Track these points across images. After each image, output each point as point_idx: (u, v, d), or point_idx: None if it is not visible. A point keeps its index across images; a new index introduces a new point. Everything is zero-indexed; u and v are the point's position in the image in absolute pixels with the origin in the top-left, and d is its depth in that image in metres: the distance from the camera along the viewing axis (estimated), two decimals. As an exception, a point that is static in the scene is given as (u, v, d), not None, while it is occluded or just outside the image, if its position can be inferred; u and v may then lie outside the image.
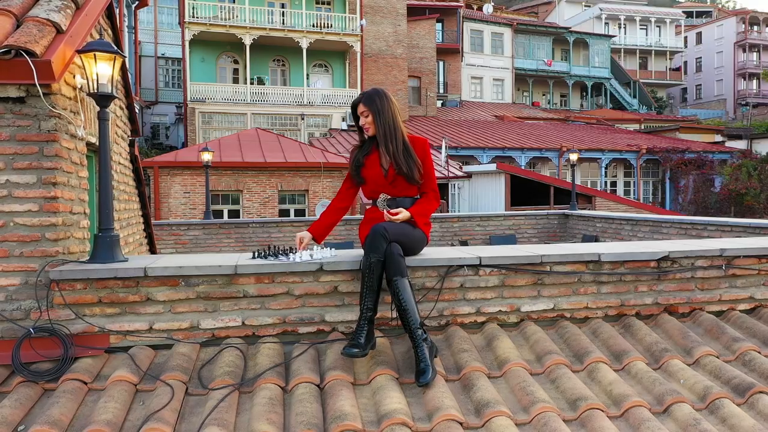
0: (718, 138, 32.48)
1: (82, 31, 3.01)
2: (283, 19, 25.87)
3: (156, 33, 31.06)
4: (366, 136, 3.11)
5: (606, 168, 28.22)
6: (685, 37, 59.81)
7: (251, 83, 25.68)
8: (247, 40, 24.94)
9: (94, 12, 3.20)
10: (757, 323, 3.27)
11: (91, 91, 2.88)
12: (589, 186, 27.45)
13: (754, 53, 55.04)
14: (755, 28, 55.59)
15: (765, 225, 6.16)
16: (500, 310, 3.15)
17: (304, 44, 25.57)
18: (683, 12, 63.86)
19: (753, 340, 3.14)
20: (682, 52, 57.92)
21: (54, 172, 2.76)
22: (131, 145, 5.12)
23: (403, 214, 2.99)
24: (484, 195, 18.95)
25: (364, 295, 2.75)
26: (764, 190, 22.59)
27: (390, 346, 2.95)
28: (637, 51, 54.85)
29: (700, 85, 57.69)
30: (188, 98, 24.35)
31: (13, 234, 2.72)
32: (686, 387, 2.75)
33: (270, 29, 25.28)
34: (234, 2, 25.90)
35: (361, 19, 26.79)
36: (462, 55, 40.06)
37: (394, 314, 2.93)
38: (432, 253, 3.26)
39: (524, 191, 18.51)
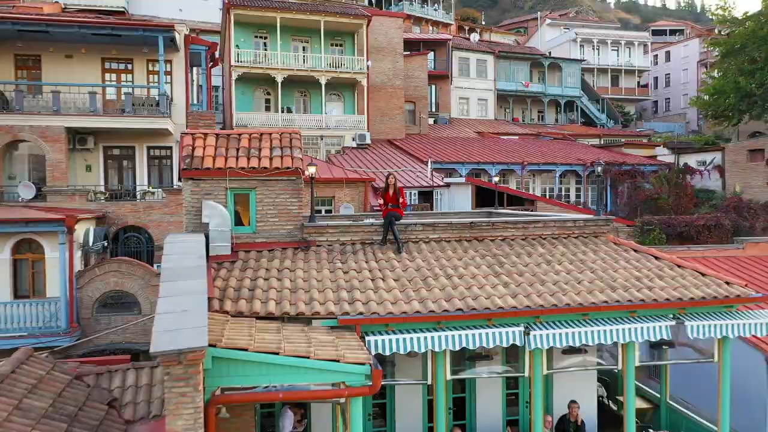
0: (665, 151, 39.62)
1: (302, 154, 10.56)
2: (305, 59, 33.32)
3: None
4: (386, 184, 10.69)
5: (561, 177, 35.75)
6: (656, 55, 66.33)
7: (281, 112, 33.15)
8: (279, 79, 32.43)
9: (302, 145, 10.77)
10: (512, 242, 10.85)
11: (309, 176, 10.49)
12: (547, 193, 35.20)
13: (715, 71, 61.45)
14: (716, 49, 61.84)
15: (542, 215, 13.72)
16: (423, 237, 10.79)
17: (323, 80, 33.07)
18: (653, 32, 71.28)
19: (492, 251, 10.68)
20: (649, 70, 64.65)
21: (300, 197, 10.36)
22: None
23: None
24: (457, 200, 26.47)
25: (384, 230, 10.48)
26: (671, 195, 30.12)
27: (390, 246, 10.57)
28: (609, 70, 61.58)
29: (669, 99, 63.96)
30: (234, 124, 31.80)
31: (291, 214, 10.35)
32: (479, 255, 10.30)
33: (297, 69, 32.77)
34: (267, 49, 33.46)
35: (368, 60, 34.35)
36: (451, 80, 47.61)
37: (391, 237, 10.53)
38: (404, 219, 10.83)
39: (492, 197, 25.85)
